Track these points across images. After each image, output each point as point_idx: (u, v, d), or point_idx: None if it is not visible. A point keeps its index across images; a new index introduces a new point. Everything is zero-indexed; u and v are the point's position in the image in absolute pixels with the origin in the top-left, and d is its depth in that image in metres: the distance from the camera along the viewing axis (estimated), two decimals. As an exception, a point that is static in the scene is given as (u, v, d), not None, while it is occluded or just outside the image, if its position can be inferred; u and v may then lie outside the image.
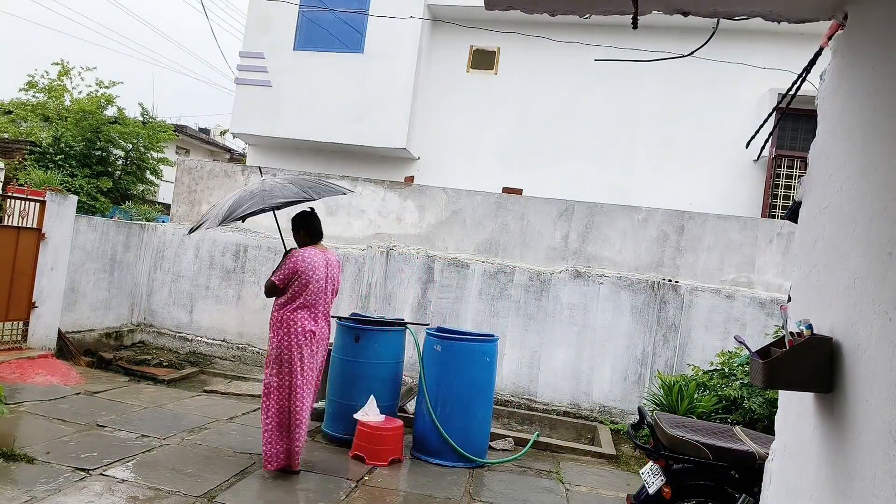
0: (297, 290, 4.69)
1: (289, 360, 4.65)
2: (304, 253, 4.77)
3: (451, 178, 10.24)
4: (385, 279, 8.15)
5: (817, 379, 2.01)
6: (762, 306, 7.21)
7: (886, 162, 1.80)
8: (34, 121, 14.39)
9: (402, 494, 4.71)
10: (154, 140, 12.87)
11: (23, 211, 6.99)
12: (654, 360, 7.39)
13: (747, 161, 9.93)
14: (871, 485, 1.64)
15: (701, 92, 10.20)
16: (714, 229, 7.69)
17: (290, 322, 4.67)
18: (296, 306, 4.69)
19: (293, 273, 4.69)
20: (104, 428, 5.22)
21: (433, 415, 5.45)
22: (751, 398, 5.53)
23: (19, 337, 7.00)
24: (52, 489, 3.89)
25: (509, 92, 10.98)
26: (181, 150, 22.23)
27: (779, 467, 2.44)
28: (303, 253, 4.77)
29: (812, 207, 2.38)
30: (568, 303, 7.63)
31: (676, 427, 3.52)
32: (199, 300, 8.69)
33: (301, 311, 4.69)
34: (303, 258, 4.73)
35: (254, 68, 11.20)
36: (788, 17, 2.40)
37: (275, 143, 11.58)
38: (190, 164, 9.42)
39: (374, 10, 10.66)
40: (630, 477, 5.63)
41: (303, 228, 4.93)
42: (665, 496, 3.38)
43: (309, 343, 4.70)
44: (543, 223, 8.04)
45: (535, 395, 7.63)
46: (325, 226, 8.43)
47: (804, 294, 2.36)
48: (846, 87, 2.20)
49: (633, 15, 2.08)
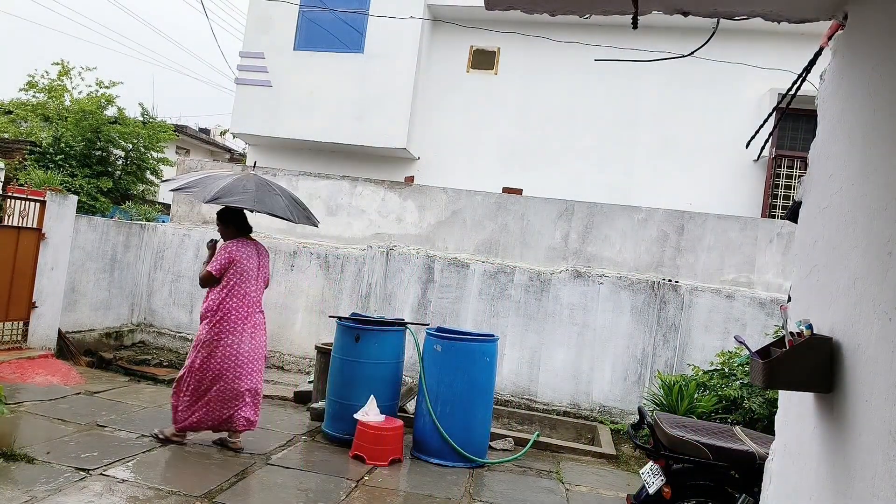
0: (232, 279, 4.91)
1: (225, 344, 4.88)
2: (237, 244, 5.00)
3: (451, 178, 10.24)
4: (385, 279, 8.15)
5: (817, 379, 2.01)
6: (762, 306, 7.21)
7: (886, 162, 1.80)
8: (34, 121, 14.38)
9: (402, 494, 4.71)
10: (154, 140, 12.86)
11: (23, 211, 6.99)
12: (654, 360, 7.39)
13: (747, 161, 9.93)
14: (871, 485, 1.64)
15: (701, 92, 10.20)
16: (714, 229, 7.69)
17: (225, 310, 4.89)
18: (230, 294, 4.91)
19: (229, 262, 4.91)
20: (104, 428, 5.22)
21: (433, 415, 5.45)
22: (751, 398, 5.53)
23: (19, 337, 7.01)
24: (53, 489, 3.89)
25: (509, 92, 10.98)
26: (181, 150, 22.23)
27: (779, 467, 2.44)
28: (236, 244, 5.00)
29: (812, 207, 2.38)
30: (568, 303, 7.63)
31: (676, 427, 3.52)
32: (199, 300, 8.65)
33: (235, 299, 4.93)
34: (237, 248, 4.96)
35: (254, 68, 11.20)
36: (788, 17, 2.40)
37: (275, 143, 11.58)
38: (190, 164, 9.42)
39: (374, 10, 10.66)
40: (630, 477, 5.63)
41: (232, 223, 5.12)
42: (665, 496, 3.38)
43: (242, 329, 4.94)
44: (543, 223, 8.04)
45: (535, 395, 7.63)
46: (325, 226, 8.57)
47: (804, 294, 2.36)
48: (846, 87, 2.20)
49: (633, 15, 2.09)
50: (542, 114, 10.82)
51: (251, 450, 5.15)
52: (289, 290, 8.45)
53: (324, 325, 8.17)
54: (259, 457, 5.01)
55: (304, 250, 8.47)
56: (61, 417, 5.34)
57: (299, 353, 8.33)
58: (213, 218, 8.91)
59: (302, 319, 8.40)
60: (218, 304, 4.90)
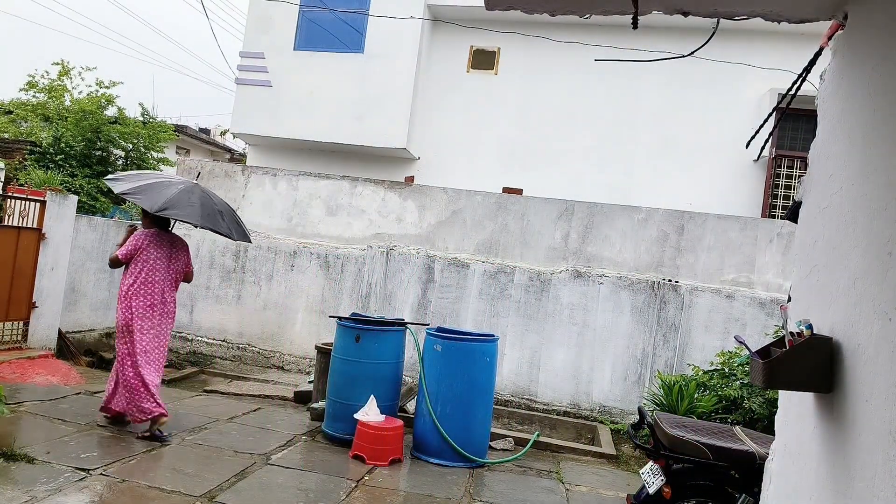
0: (138, 266, 5.14)
1: (136, 329, 5.09)
2: (149, 234, 5.23)
3: (451, 178, 10.24)
4: (385, 279, 8.15)
5: (817, 379, 2.01)
6: (762, 306, 7.21)
7: (886, 162, 1.80)
8: (34, 121, 14.38)
9: (402, 494, 4.71)
10: (154, 140, 12.87)
11: (23, 211, 6.99)
12: (654, 360, 7.39)
13: (747, 161, 9.93)
14: (871, 485, 1.65)
15: (701, 92, 10.20)
16: (714, 229, 7.68)
17: (134, 295, 5.11)
18: (141, 281, 5.13)
19: (136, 249, 5.15)
20: (104, 428, 5.22)
21: (433, 415, 5.45)
22: (751, 398, 5.53)
23: (20, 337, 7.01)
24: (53, 489, 3.89)
25: (509, 92, 10.98)
26: (181, 151, 22.23)
27: (779, 467, 2.44)
28: (147, 232, 5.23)
29: (812, 207, 2.38)
30: (568, 303, 7.63)
31: (676, 427, 3.52)
32: (199, 300, 8.69)
33: (146, 286, 5.14)
34: (147, 238, 5.20)
35: (254, 68, 11.20)
36: (788, 17, 2.40)
37: (275, 143, 11.58)
38: (190, 164, 9.42)
39: (374, 10, 10.65)
40: (630, 477, 5.63)
41: (150, 215, 5.27)
42: (665, 496, 3.38)
43: (151, 315, 5.15)
44: (543, 223, 8.04)
45: (535, 395, 7.63)
46: (325, 226, 8.58)
47: (804, 294, 2.36)
48: (846, 87, 2.20)
49: (633, 15, 2.09)
50: (542, 114, 10.81)
51: (251, 450, 5.15)
52: (289, 290, 8.45)
53: (324, 325, 8.17)
54: (259, 457, 5.02)
55: (304, 250, 8.47)
56: (61, 417, 5.34)
57: (299, 353, 8.34)
58: (213, 218, 8.92)
59: (302, 319, 8.40)
60: (126, 290, 5.13)
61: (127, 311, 5.09)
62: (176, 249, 5.38)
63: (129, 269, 5.16)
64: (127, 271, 5.17)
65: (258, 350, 8.46)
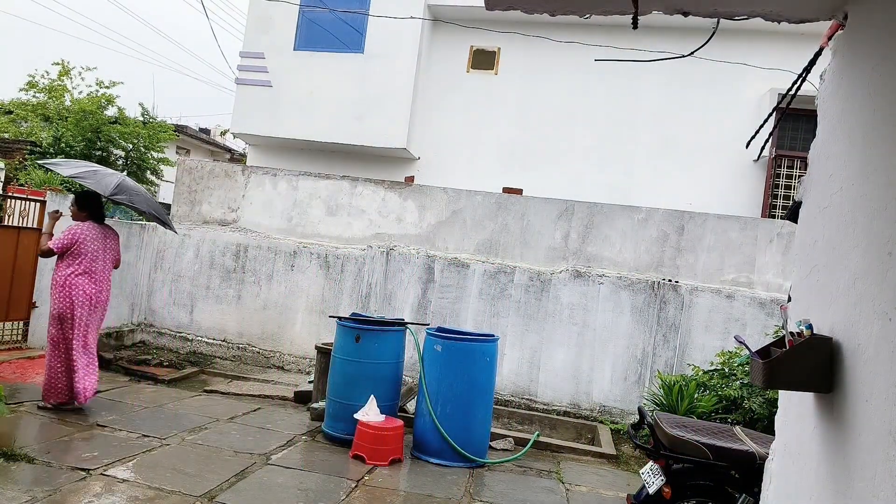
0: (76, 257, 5.37)
1: (70, 317, 5.36)
2: (83, 226, 5.48)
3: (451, 178, 10.24)
4: (385, 279, 8.15)
5: (817, 379, 2.01)
6: (762, 306, 7.21)
7: (886, 162, 1.80)
8: (34, 121, 14.40)
9: (402, 494, 4.71)
10: (154, 140, 12.88)
11: (23, 211, 6.99)
12: (654, 360, 7.39)
13: (747, 161, 9.93)
14: (871, 485, 1.65)
15: (701, 92, 10.20)
16: (714, 229, 7.68)
17: (71, 286, 5.36)
18: (78, 272, 5.38)
19: (71, 242, 5.37)
20: (104, 428, 5.22)
21: (433, 415, 5.45)
22: (751, 398, 5.53)
23: (20, 337, 7.01)
24: (52, 489, 3.90)
25: (509, 92, 10.98)
26: (181, 150, 22.24)
27: (779, 467, 2.44)
28: (82, 226, 5.48)
29: (812, 207, 2.38)
30: (568, 303, 7.63)
31: (676, 427, 3.52)
32: (199, 300, 8.69)
33: (82, 276, 5.40)
34: (81, 230, 5.44)
35: (254, 68, 11.21)
36: (788, 17, 2.40)
37: (275, 143, 11.58)
38: (190, 164, 9.42)
39: (374, 10, 10.66)
40: (630, 477, 5.63)
41: (87, 208, 5.62)
42: (665, 496, 3.38)
43: (87, 304, 5.42)
44: (543, 223, 8.04)
45: (535, 395, 7.63)
46: (325, 225, 8.58)
47: (804, 294, 2.36)
48: (846, 87, 2.20)
49: (633, 15, 2.09)
50: (542, 114, 10.82)
51: (251, 450, 5.15)
52: (289, 290, 8.45)
53: (324, 325, 8.17)
54: (259, 457, 5.02)
55: (304, 250, 8.47)
56: (61, 417, 5.34)
57: (299, 353, 8.34)
58: (213, 218, 8.93)
59: (302, 319, 8.40)
60: (64, 280, 5.36)
61: (66, 300, 5.33)
62: (109, 239, 5.66)
63: (66, 258, 5.39)
64: (63, 261, 5.39)
65: (258, 350, 8.46)
